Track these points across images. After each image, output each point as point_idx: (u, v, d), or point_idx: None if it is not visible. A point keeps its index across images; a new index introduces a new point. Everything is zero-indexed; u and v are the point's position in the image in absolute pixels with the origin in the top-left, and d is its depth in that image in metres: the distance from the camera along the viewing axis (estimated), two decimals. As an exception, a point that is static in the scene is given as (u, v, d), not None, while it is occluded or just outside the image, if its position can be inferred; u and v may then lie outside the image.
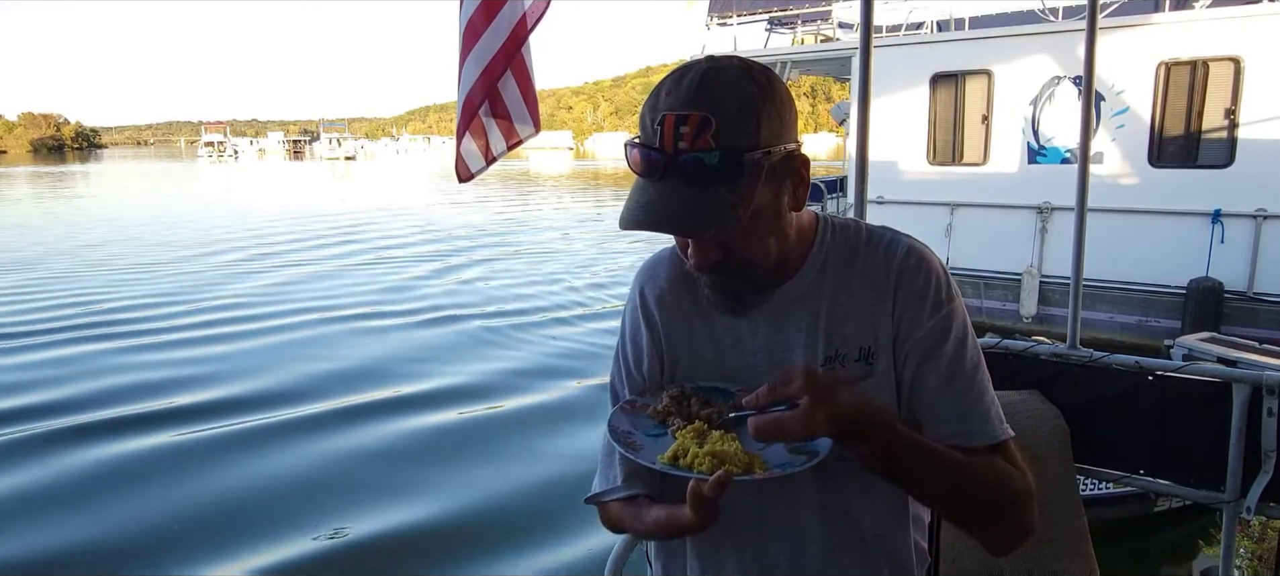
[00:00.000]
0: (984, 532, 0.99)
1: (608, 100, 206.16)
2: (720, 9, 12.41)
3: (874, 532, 1.03)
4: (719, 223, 0.89)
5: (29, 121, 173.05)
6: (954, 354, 0.99)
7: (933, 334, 0.99)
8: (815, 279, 1.03)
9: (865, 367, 1.00)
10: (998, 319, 8.36)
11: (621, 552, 1.34)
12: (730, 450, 0.88)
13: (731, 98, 0.89)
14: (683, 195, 0.88)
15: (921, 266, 1.01)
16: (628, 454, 0.94)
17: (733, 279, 0.97)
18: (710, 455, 0.88)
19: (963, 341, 1.01)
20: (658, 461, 0.90)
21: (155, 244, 16.61)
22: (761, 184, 0.91)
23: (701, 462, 0.87)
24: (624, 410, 1.04)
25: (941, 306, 1.00)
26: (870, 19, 1.78)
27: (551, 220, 21.35)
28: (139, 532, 4.51)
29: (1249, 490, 1.55)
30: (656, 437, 0.97)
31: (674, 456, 0.90)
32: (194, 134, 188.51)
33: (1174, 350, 5.87)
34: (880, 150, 8.87)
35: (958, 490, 0.93)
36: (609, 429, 0.98)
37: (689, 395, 1.01)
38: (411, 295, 11.10)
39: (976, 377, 1.00)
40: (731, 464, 0.86)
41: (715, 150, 0.87)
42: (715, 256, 0.94)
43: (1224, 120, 7.32)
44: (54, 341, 8.46)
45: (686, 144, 0.88)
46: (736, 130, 0.88)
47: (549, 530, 4.58)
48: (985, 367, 1.03)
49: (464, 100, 1.73)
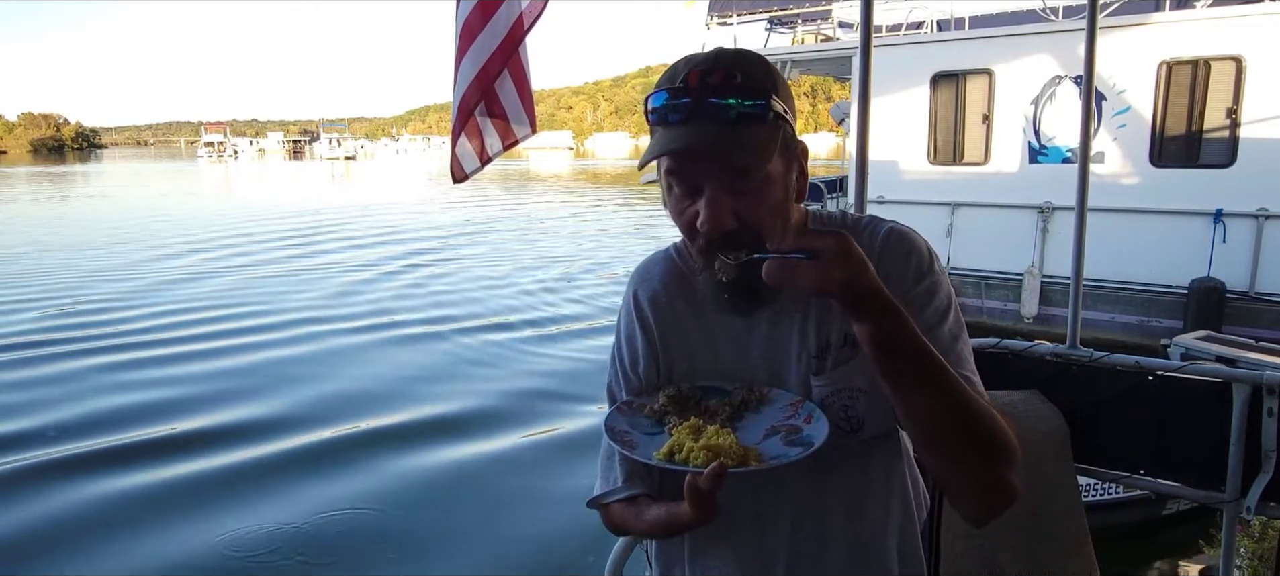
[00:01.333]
0: (970, 477, 0.92)
1: (608, 100, 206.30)
2: (720, 9, 12.41)
3: (872, 530, 1.03)
4: (749, 157, 0.90)
5: (29, 122, 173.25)
6: (935, 321, 0.98)
7: (916, 302, 0.98)
8: None
9: (852, 350, 0.99)
10: (999, 319, 8.35)
11: (622, 552, 1.34)
12: (725, 444, 0.88)
13: (751, 60, 0.94)
14: (715, 131, 0.90)
15: (903, 243, 1.02)
16: (624, 451, 0.94)
17: (746, 269, 0.94)
18: (706, 449, 0.88)
19: (945, 311, 1.00)
20: (654, 457, 0.90)
21: (85, 249, 16.33)
22: (778, 151, 0.93)
23: (697, 456, 0.87)
24: (621, 410, 1.04)
25: (923, 277, 1.00)
26: (870, 19, 1.78)
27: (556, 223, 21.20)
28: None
29: (1249, 490, 1.54)
30: (653, 436, 0.96)
31: (670, 452, 0.90)
32: (194, 134, 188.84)
33: (1172, 349, 5.87)
34: (881, 150, 8.87)
35: (952, 410, 0.87)
36: (606, 428, 0.98)
37: (686, 395, 1.01)
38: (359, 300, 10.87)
39: (957, 346, 0.99)
40: (727, 457, 0.86)
41: (744, 97, 0.90)
42: (729, 223, 0.92)
43: (1225, 120, 7.32)
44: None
45: (716, 84, 0.90)
46: (758, 87, 0.92)
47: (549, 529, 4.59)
48: (968, 339, 1.02)
49: (459, 101, 1.73)
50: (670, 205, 0.98)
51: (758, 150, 0.91)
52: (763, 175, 0.92)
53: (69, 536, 4.52)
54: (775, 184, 0.94)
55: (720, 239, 0.93)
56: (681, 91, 0.91)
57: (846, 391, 0.99)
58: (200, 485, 5.18)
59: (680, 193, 0.95)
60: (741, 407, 0.99)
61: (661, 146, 0.92)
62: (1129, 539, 4.21)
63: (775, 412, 0.97)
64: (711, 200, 0.91)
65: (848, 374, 0.99)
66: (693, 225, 0.95)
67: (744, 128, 0.90)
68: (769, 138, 0.92)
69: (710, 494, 0.83)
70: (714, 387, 1.03)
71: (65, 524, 4.66)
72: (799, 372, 1.02)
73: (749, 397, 1.00)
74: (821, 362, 1.00)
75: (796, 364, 1.02)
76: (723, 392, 1.02)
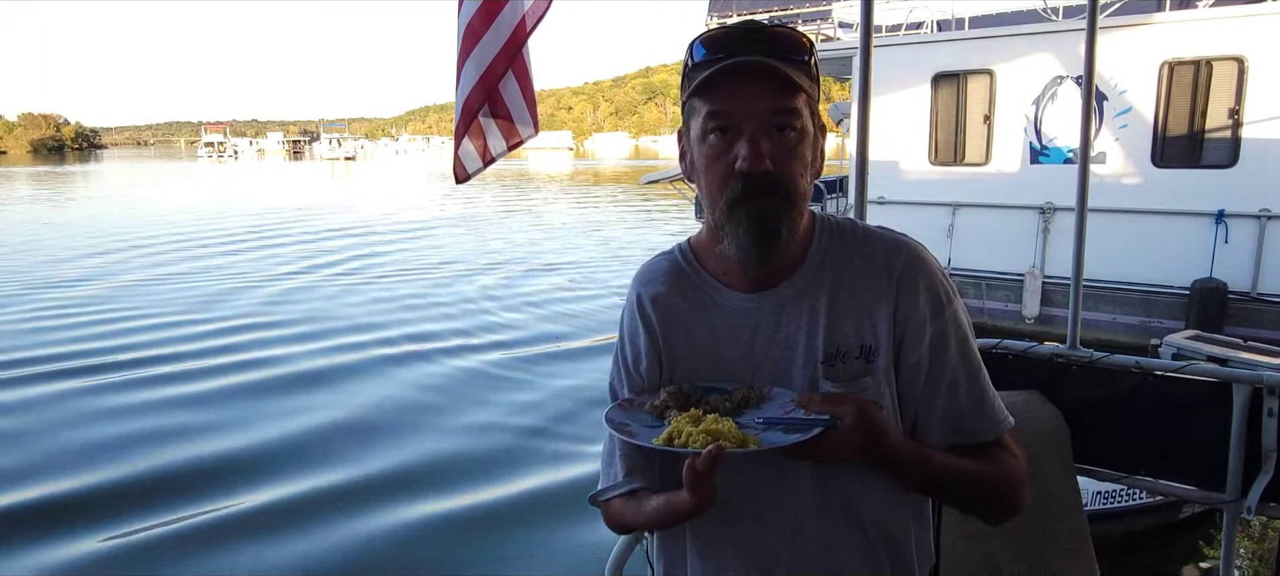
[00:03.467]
0: (984, 515, 1.05)
1: (608, 100, 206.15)
2: (720, 9, 12.42)
3: (875, 529, 1.04)
4: (798, 85, 0.95)
5: (29, 122, 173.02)
6: (958, 356, 1.02)
7: (937, 337, 1.01)
8: (814, 276, 1.04)
9: (866, 365, 1.00)
10: (1000, 320, 8.34)
11: (622, 552, 1.34)
12: (724, 428, 0.89)
13: (786, 29, 1.00)
14: (766, 52, 0.94)
15: (923, 269, 1.03)
16: (624, 439, 0.95)
17: (774, 208, 0.96)
18: (705, 433, 0.88)
19: (965, 342, 1.03)
20: (653, 442, 0.90)
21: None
22: (811, 112, 0.98)
23: (696, 440, 0.87)
24: (621, 406, 1.05)
25: (944, 309, 1.02)
26: (870, 19, 1.78)
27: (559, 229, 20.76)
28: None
29: (1249, 490, 1.55)
30: (654, 429, 0.97)
31: (669, 437, 0.90)
32: (194, 134, 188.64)
33: (1163, 349, 5.86)
34: (882, 150, 8.86)
35: (975, 497, 1.03)
36: (607, 420, 0.99)
37: (687, 393, 1.02)
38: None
39: (979, 378, 1.04)
40: (726, 441, 0.86)
41: (787, 46, 0.96)
42: (765, 163, 0.95)
43: (1228, 120, 7.31)
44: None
45: (759, 35, 0.96)
46: (798, 45, 0.97)
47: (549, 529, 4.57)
48: (983, 363, 1.06)
49: (463, 103, 1.74)
50: (702, 157, 1.00)
51: (802, 87, 0.95)
52: (800, 125, 0.96)
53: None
54: (806, 142, 0.98)
55: (753, 182, 0.95)
56: (723, 41, 0.96)
57: None
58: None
59: (717, 140, 0.97)
60: (742, 404, 0.99)
61: (719, 54, 0.95)
62: (1138, 546, 4.22)
63: (775, 408, 0.98)
64: (751, 137, 0.94)
65: (863, 388, 1.00)
66: (727, 171, 0.96)
67: (789, 66, 0.94)
68: (810, 85, 0.97)
69: (708, 476, 0.84)
70: (715, 388, 1.04)
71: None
72: (803, 376, 1.02)
73: (750, 395, 1.00)
74: (830, 368, 1.01)
75: (803, 368, 1.02)
76: (723, 392, 1.02)
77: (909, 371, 1.01)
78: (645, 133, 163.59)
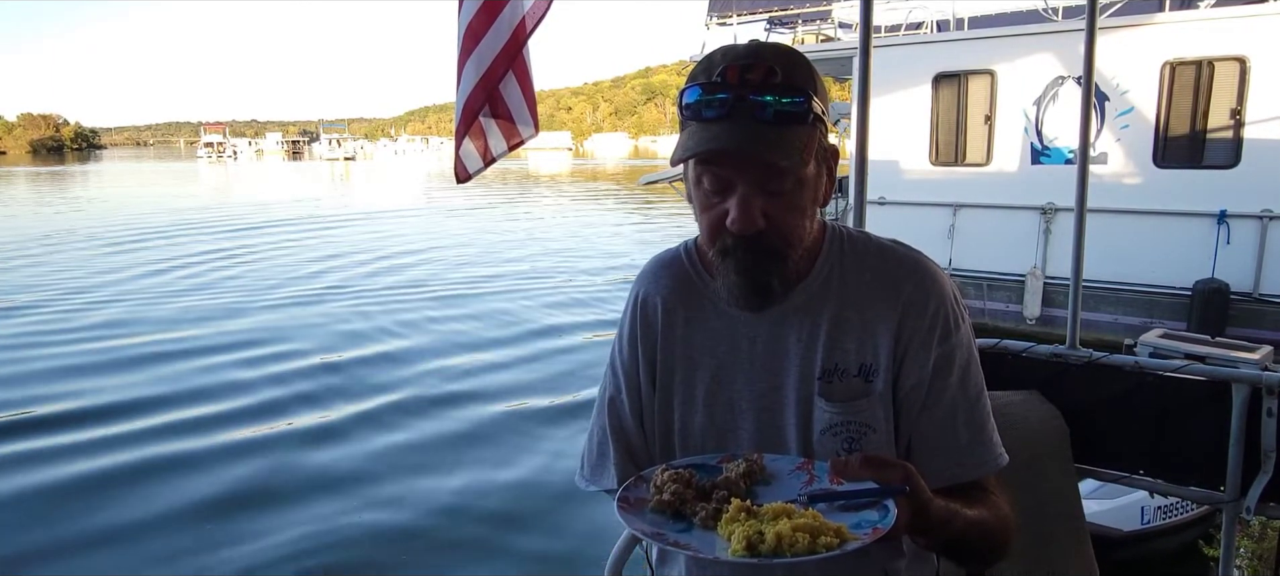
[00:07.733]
0: (980, 565, 1.03)
1: (607, 101, 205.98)
2: (720, 9, 12.42)
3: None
4: (787, 158, 0.88)
5: (28, 122, 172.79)
6: (959, 385, 0.98)
7: (940, 362, 0.98)
8: (819, 289, 1.01)
9: (863, 384, 0.98)
10: (1001, 321, 8.34)
11: (621, 552, 1.34)
12: (817, 523, 0.80)
13: (790, 56, 0.92)
14: (755, 129, 0.88)
15: (933, 290, 0.99)
16: (688, 553, 0.86)
17: (764, 262, 0.93)
18: (805, 532, 0.78)
19: (967, 368, 1.00)
20: (731, 554, 0.79)
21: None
22: (813, 155, 0.92)
23: (799, 540, 0.77)
24: (626, 509, 0.89)
25: (950, 334, 0.99)
26: (870, 19, 1.78)
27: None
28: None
29: (1249, 490, 1.55)
30: (685, 532, 0.85)
31: (750, 544, 0.79)
32: (193, 135, 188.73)
33: (1139, 349, 5.80)
34: (882, 150, 8.86)
35: (983, 548, 0.98)
36: (634, 532, 0.85)
37: (686, 478, 0.90)
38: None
39: (979, 408, 1.00)
40: (825, 535, 0.78)
41: (783, 96, 0.88)
42: (758, 223, 0.91)
43: (1229, 120, 7.30)
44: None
45: (755, 82, 0.88)
46: (797, 86, 0.89)
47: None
48: (986, 393, 1.02)
49: (464, 104, 1.74)
50: (696, 199, 0.96)
51: (796, 151, 0.89)
52: (796, 178, 0.91)
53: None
54: (806, 188, 0.93)
55: (744, 242, 0.92)
56: (719, 87, 0.89)
57: (855, 425, 0.98)
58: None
59: (710, 188, 0.93)
60: (748, 478, 0.91)
61: (698, 144, 0.89)
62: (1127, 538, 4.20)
63: (792, 481, 0.91)
64: (743, 199, 0.90)
65: (859, 409, 0.98)
66: (719, 223, 0.94)
67: (782, 128, 0.88)
68: (807, 139, 0.91)
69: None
70: (701, 465, 0.95)
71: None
72: (796, 387, 1.00)
73: (753, 469, 0.92)
74: (827, 385, 0.99)
75: (799, 383, 1.00)
76: (707, 468, 0.94)
77: (907, 395, 0.98)
78: (645, 133, 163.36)
